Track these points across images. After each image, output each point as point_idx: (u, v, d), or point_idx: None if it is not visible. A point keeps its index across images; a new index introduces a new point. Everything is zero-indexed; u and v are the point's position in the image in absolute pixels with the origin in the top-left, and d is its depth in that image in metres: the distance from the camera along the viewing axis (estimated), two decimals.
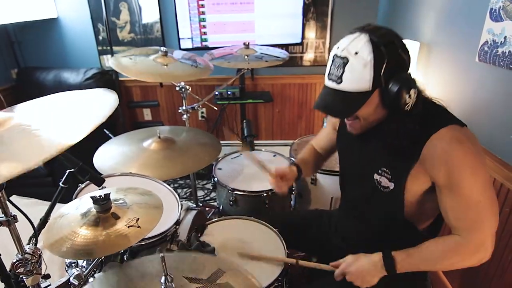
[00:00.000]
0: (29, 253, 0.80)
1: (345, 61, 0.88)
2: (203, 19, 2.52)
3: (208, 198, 2.77)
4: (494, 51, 1.44)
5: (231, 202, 1.69)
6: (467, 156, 0.87)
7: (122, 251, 1.08)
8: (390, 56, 0.86)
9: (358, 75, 0.88)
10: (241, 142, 2.25)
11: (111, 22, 2.80)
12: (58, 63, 2.93)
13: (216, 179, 1.76)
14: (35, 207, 1.62)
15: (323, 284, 1.16)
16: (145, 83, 3.06)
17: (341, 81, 0.90)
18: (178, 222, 1.15)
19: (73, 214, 0.88)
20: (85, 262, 1.01)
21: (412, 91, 0.88)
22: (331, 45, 2.90)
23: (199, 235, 1.33)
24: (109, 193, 0.85)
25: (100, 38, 2.88)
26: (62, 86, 2.73)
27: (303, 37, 2.71)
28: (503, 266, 1.38)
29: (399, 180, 0.97)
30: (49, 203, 0.98)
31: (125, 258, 1.02)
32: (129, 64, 1.64)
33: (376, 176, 1.03)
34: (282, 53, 2.09)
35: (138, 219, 0.84)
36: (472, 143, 0.89)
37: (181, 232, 1.31)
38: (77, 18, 2.83)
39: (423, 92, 0.95)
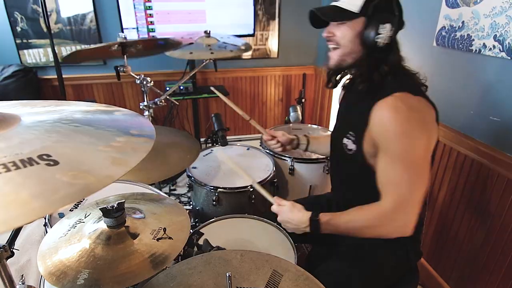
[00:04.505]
0: None
1: None
2: (149, 7, 2.28)
3: None
4: (452, 35, 1.57)
5: (214, 202, 1.56)
6: (403, 124, 0.89)
7: None
8: None
9: None
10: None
11: (32, 10, 2.37)
12: None
13: (193, 178, 1.61)
14: None
15: (330, 268, 1.08)
16: (79, 81, 2.69)
17: None
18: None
19: (75, 235, 0.68)
20: None
21: (388, 26, 0.94)
22: (280, 36, 2.90)
23: (196, 241, 1.19)
24: (123, 202, 0.69)
25: (18, 29, 2.43)
26: None
27: (254, 28, 2.65)
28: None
29: (359, 142, 1.00)
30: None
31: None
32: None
33: (344, 140, 1.06)
34: (243, 42, 2.00)
35: (165, 229, 0.69)
36: (415, 111, 0.91)
37: None
38: None
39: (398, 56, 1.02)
